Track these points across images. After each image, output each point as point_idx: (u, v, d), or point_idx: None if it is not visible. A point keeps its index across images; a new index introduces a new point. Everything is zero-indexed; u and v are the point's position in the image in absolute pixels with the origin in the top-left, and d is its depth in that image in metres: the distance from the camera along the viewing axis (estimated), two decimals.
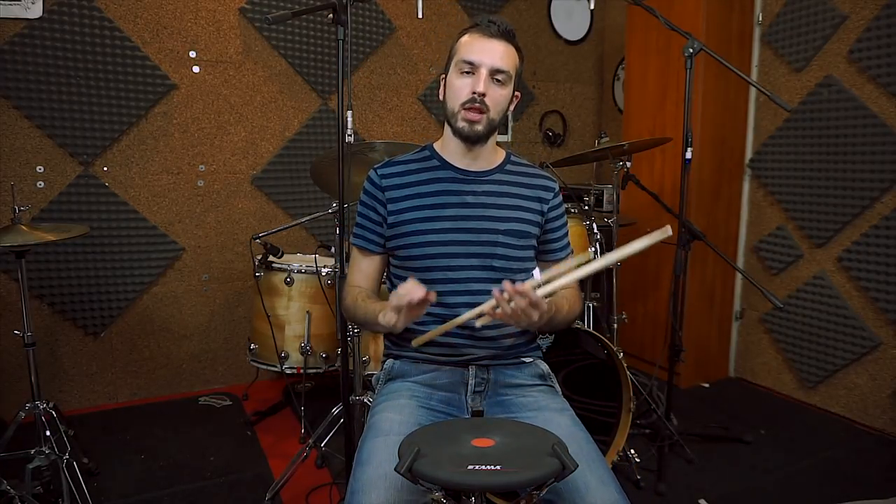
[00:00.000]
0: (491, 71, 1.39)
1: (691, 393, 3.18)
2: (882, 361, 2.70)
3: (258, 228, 2.98)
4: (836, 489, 2.25)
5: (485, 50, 1.39)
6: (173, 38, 2.90)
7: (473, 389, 1.45)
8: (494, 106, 1.41)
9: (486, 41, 1.40)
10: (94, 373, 2.94)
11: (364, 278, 1.54)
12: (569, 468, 0.99)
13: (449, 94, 1.44)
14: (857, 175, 2.72)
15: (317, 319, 2.57)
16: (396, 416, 1.33)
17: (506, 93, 1.42)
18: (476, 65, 1.39)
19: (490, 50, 1.39)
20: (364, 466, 1.20)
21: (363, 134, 3.40)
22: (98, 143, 2.81)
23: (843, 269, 2.83)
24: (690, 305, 3.04)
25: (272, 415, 2.89)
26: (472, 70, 1.39)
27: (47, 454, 1.97)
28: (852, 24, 2.70)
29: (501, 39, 1.41)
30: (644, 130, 3.32)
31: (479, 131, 1.42)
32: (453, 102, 1.43)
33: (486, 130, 1.43)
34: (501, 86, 1.41)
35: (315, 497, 2.20)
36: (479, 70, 1.39)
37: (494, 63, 1.39)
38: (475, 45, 1.40)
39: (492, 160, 1.52)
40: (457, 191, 1.48)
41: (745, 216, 3.30)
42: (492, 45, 1.40)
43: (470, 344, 1.46)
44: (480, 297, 1.41)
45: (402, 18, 3.42)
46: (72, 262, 2.82)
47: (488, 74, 1.39)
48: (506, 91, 1.42)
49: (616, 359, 2.17)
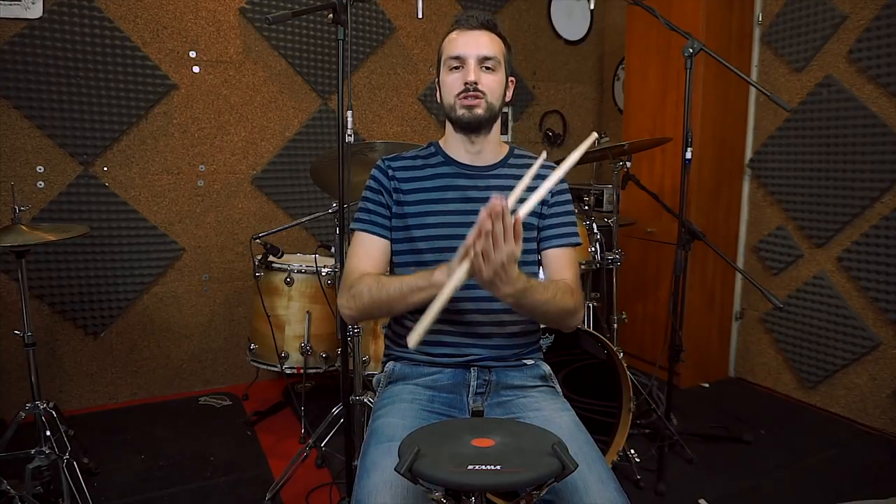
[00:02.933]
0: (478, 60, 1.41)
1: (691, 393, 3.18)
2: (882, 361, 2.70)
3: (258, 228, 2.98)
4: (836, 489, 2.25)
5: (469, 42, 1.42)
6: (173, 38, 2.90)
7: (475, 391, 1.45)
8: (490, 90, 1.42)
9: (469, 34, 1.43)
10: (94, 373, 2.94)
11: (373, 264, 1.45)
12: (569, 468, 0.99)
13: (444, 92, 1.47)
14: (857, 175, 2.72)
15: (317, 319, 2.57)
16: (399, 420, 1.32)
17: (498, 77, 1.44)
18: (463, 58, 1.42)
19: (474, 41, 1.42)
20: (368, 474, 1.19)
21: (363, 134, 3.40)
22: (98, 143, 2.81)
23: (843, 269, 2.83)
24: (690, 305, 3.04)
25: (272, 415, 2.89)
26: (461, 64, 1.42)
27: (47, 454, 1.97)
28: (852, 24, 2.70)
29: (483, 30, 1.43)
30: (644, 130, 3.31)
31: (480, 115, 1.42)
32: (448, 97, 1.44)
33: (486, 114, 1.43)
34: (492, 72, 1.42)
35: (315, 497, 2.20)
36: (466, 62, 1.41)
37: (480, 51, 1.41)
38: (459, 40, 1.43)
39: (495, 154, 1.52)
40: (460, 186, 1.48)
41: (745, 216, 3.30)
42: (474, 36, 1.42)
43: (472, 344, 1.45)
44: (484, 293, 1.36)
45: (402, 18, 3.42)
46: (72, 262, 2.82)
47: (476, 64, 1.41)
48: (498, 76, 1.43)
49: (616, 359, 2.17)
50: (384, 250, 1.47)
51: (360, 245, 1.47)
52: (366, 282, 1.38)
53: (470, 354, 1.46)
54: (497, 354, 1.47)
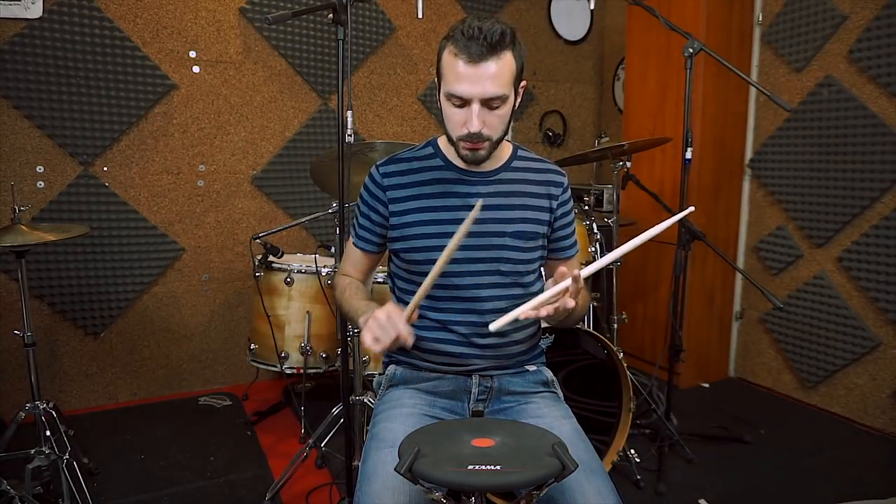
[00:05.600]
0: (482, 101, 1.27)
1: (691, 393, 3.18)
2: (882, 361, 2.70)
3: (258, 228, 2.98)
4: (835, 489, 2.25)
5: (472, 80, 1.24)
6: (173, 38, 2.90)
7: (477, 397, 1.44)
8: (495, 130, 1.32)
9: (472, 68, 1.23)
10: (94, 373, 2.94)
11: (356, 271, 1.55)
12: (569, 468, 0.99)
13: (445, 120, 1.35)
14: (857, 175, 2.72)
15: (317, 319, 2.57)
16: (399, 426, 1.30)
17: (505, 111, 1.31)
18: (465, 98, 1.27)
19: (477, 78, 1.24)
20: (369, 480, 1.19)
21: (363, 134, 3.40)
22: (98, 143, 2.81)
23: (843, 269, 2.83)
24: (690, 305, 3.04)
25: (272, 415, 2.89)
26: (463, 104, 1.28)
27: (47, 454, 1.97)
28: (852, 24, 2.70)
29: (489, 59, 1.23)
30: (644, 130, 3.31)
31: (483, 156, 1.35)
32: (451, 132, 1.34)
33: (489, 153, 1.36)
34: (499, 107, 1.29)
35: (315, 497, 2.20)
36: (469, 104, 1.27)
37: (485, 92, 1.25)
38: (461, 73, 1.24)
39: (498, 158, 1.44)
40: (462, 192, 1.41)
41: (745, 216, 3.30)
42: (478, 71, 1.23)
43: (473, 354, 1.44)
44: (486, 303, 1.41)
45: (402, 18, 3.42)
46: (72, 262, 2.82)
47: (480, 105, 1.27)
48: (504, 110, 1.31)
49: (616, 359, 2.17)
50: (369, 262, 1.55)
51: (348, 252, 1.57)
52: (341, 287, 1.50)
53: (472, 364, 1.44)
54: (498, 363, 1.46)
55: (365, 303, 1.40)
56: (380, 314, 1.20)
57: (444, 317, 1.43)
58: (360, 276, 1.55)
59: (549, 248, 1.51)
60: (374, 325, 1.20)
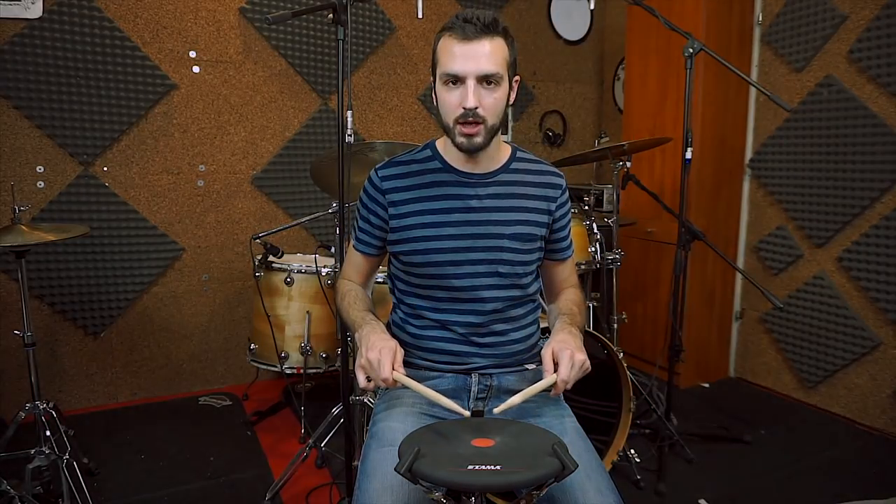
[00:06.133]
0: (478, 78, 1.27)
1: (691, 393, 3.18)
2: (882, 361, 2.70)
3: (258, 228, 2.98)
4: (835, 489, 2.25)
5: (467, 56, 1.26)
6: (173, 38, 2.90)
7: (476, 396, 1.44)
8: (491, 113, 1.31)
9: (466, 45, 1.26)
10: (94, 373, 2.94)
11: (357, 275, 1.56)
12: (569, 468, 0.99)
13: (440, 107, 1.34)
14: (857, 175, 2.72)
15: (317, 319, 2.57)
16: (399, 425, 1.30)
17: (500, 94, 1.31)
18: (460, 76, 1.27)
19: (472, 55, 1.26)
20: (369, 479, 1.19)
21: (363, 134, 3.40)
22: (98, 143, 2.81)
23: (843, 269, 2.83)
24: (690, 305, 3.04)
25: (272, 415, 2.89)
26: (458, 81, 1.28)
27: (47, 454, 1.97)
28: (852, 24, 2.70)
29: (482, 38, 1.26)
30: (644, 130, 3.31)
31: (479, 143, 1.33)
32: (446, 117, 1.33)
33: (486, 140, 1.33)
34: (494, 88, 1.29)
35: (315, 497, 2.20)
36: (465, 81, 1.27)
37: (480, 69, 1.26)
38: (455, 52, 1.27)
39: (496, 160, 1.43)
40: (461, 195, 1.41)
41: (745, 216, 3.30)
42: (473, 48, 1.26)
43: (473, 353, 1.44)
44: (485, 305, 1.42)
45: (402, 18, 3.42)
46: (72, 262, 2.82)
47: (476, 83, 1.27)
48: (500, 92, 1.30)
49: (616, 359, 2.17)
50: (370, 265, 1.55)
51: (349, 255, 1.57)
52: (342, 292, 1.51)
53: (471, 362, 1.45)
54: (498, 361, 1.46)
55: (362, 315, 1.40)
56: (371, 355, 1.22)
57: (444, 316, 1.43)
58: (361, 279, 1.55)
59: (546, 248, 1.52)
60: (368, 365, 1.24)
